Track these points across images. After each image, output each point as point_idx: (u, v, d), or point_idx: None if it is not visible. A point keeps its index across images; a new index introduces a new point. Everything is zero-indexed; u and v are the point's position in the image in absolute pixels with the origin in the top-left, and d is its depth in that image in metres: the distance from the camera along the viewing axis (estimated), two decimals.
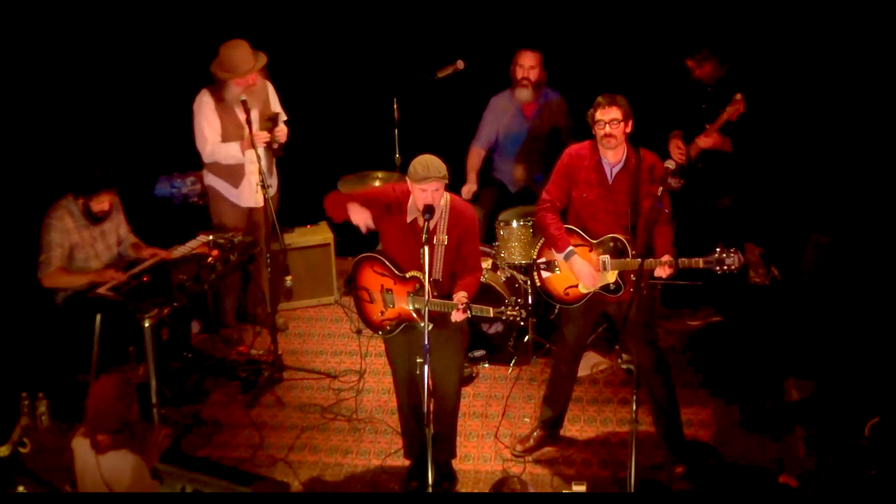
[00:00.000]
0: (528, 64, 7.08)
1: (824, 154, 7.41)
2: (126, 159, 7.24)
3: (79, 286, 6.34)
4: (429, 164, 5.35)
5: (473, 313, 5.40)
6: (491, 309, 5.41)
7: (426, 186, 5.33)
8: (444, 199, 5.47)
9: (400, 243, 5.56)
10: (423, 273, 5.29)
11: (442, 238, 5.48)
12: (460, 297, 5.40)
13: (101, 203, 6.35)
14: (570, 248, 5.73)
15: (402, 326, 5.66)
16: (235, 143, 6.74)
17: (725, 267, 5.44)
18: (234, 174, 6.88)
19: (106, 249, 6.53)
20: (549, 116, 7.21)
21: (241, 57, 6.65)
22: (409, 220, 5.52)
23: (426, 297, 5.26)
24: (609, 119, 5.57)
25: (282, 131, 6.83)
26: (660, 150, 6.13)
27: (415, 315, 5.54)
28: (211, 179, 6.97)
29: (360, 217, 5.58)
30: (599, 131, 5.62)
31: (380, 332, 5.77)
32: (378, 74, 7.60)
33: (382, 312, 5.68)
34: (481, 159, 7.35)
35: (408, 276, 5.55)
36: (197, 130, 6.78)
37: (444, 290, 5.53)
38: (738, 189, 6.96)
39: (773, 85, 7.04)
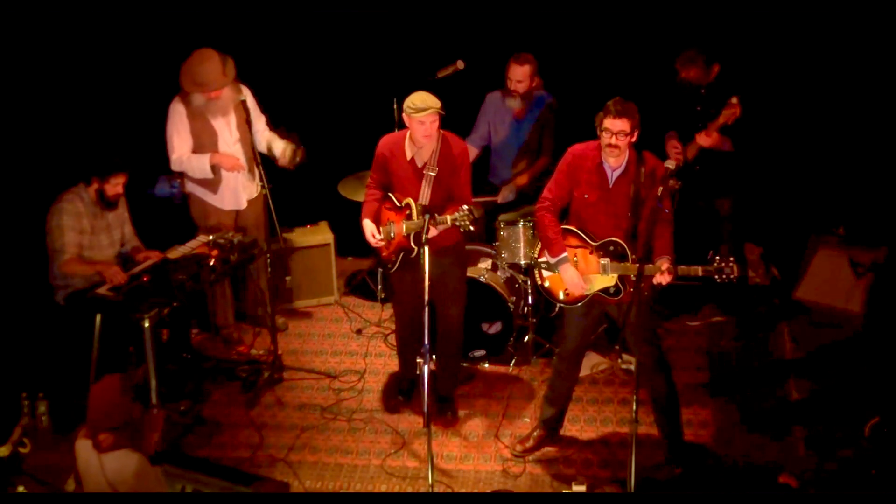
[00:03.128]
0: (515, 77, 7.05)
1: (824, 154, 7.42)
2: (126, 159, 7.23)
3: (87, 276, 6.35)
4: (425, 97, 5.89)
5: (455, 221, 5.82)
6: (449, 218, 5.82)
7: (424, 118, 5.86)
8: (438, 134, 6.00)
9: (402, 179, 6.10)
10: (424, 274, 5.41)
11: (433, 169, 6.01)
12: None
13: (117, 186, 6.39)
14: (564, 254, 5.73)
15: (402, 255, 6.13)
16: (205, 157, 6.72)
17: (724, 276, 5.45)
18: (211, 182, 6.87)
19: (110, 245, 6.54)
20: (537, 123, 7.18)
21: (211, 71, 6.59)
22: (408, 157, 6.07)
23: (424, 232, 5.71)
24: (616, 130, 5.50)
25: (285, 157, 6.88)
26: (654, 151, 6.12)
27: (409, 241, 6.05)
28: (191, 187, 6.94)
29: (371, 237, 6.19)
30: (604, 138, 5.56)
31: (388, 266, 6.26)
32: (378, 75, 7.60)
33: (387, 246, 6.18)
34: (472, 156, 7.32)
35: (402, 204, 6.09)
36: (167, 140, 6.77)
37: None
38: (737, 190, 6.96)
39: (770, 85, 7.03)
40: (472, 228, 5.85)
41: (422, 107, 5.86)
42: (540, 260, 5.91)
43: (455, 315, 6.32)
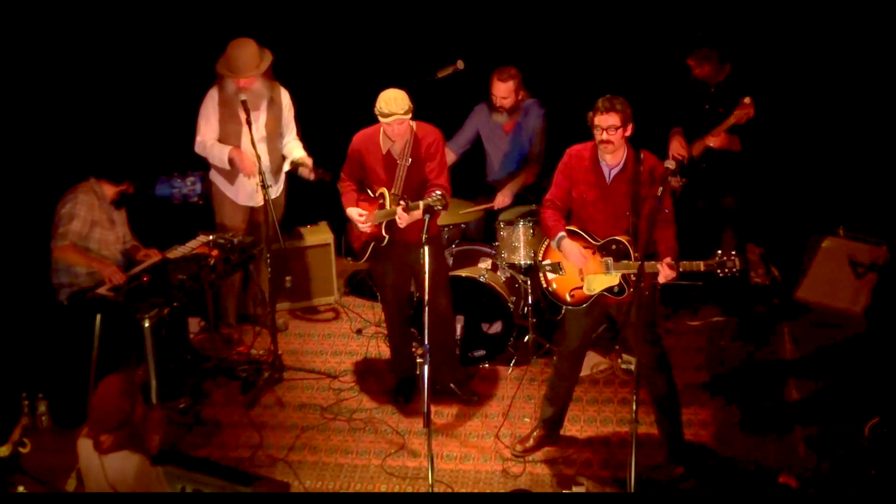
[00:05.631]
0: (500, 94, 6.98)
1: (824, 154, 7.42)
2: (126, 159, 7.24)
3: (84, 266, 6.36)
4: (391, 102, 5.95)
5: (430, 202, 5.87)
6: (422, 203, 5.88)
7: (391, 122, 5.96)
8: (412, 128, 6.12)
9: (377, 173, 6.21)
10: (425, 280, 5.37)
11: (406, 160, 6.12)
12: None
13: (132, 186, 6.58)
14: (562, 233, 5.73)
15: (372, 245, 6.31)
16: (226, 149, 6.75)
17: (727, 270, 5.44)
18: (230, 172, 6.90)
19: (116, 241, 6.56)
20: (526, 133, 7.15)
21: (246, 58, 6.64)
22: (384, 151, 6.17)
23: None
24: (607, 126, 5.51)
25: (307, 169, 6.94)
26: (660, 149, 6.10)
27: (381, 230, 6.23)
28: (213, 176, 7.02)
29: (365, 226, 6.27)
30: (597, 135, 5.57)
31: (358, 257, 6.45)
32: (378, 74, 7.59)
33: (359, 237, 6.38)
34: (449, 161, 7.28)
35: (375, 194, 6.25)
36: (197, 122, 6.84)
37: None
38: (742, 188, 6.95)
39: (776, 86, 7.02)
40: (443, 211, 5.95)
41: (386, 112, 5.96)
42: (544, 262, 5.91)
43: (445, 304, 6.39)
